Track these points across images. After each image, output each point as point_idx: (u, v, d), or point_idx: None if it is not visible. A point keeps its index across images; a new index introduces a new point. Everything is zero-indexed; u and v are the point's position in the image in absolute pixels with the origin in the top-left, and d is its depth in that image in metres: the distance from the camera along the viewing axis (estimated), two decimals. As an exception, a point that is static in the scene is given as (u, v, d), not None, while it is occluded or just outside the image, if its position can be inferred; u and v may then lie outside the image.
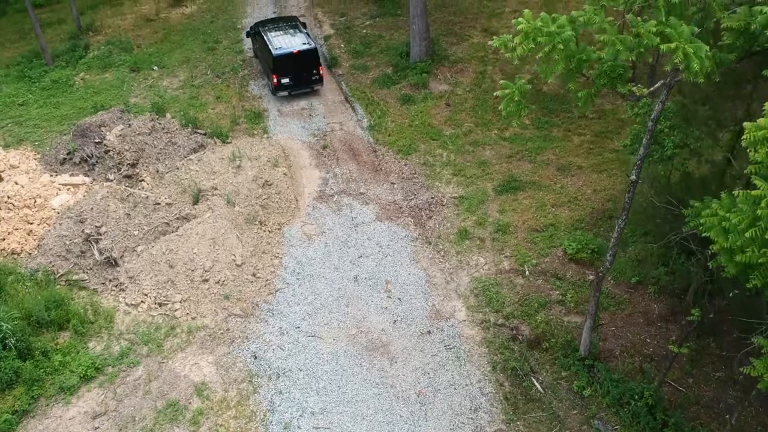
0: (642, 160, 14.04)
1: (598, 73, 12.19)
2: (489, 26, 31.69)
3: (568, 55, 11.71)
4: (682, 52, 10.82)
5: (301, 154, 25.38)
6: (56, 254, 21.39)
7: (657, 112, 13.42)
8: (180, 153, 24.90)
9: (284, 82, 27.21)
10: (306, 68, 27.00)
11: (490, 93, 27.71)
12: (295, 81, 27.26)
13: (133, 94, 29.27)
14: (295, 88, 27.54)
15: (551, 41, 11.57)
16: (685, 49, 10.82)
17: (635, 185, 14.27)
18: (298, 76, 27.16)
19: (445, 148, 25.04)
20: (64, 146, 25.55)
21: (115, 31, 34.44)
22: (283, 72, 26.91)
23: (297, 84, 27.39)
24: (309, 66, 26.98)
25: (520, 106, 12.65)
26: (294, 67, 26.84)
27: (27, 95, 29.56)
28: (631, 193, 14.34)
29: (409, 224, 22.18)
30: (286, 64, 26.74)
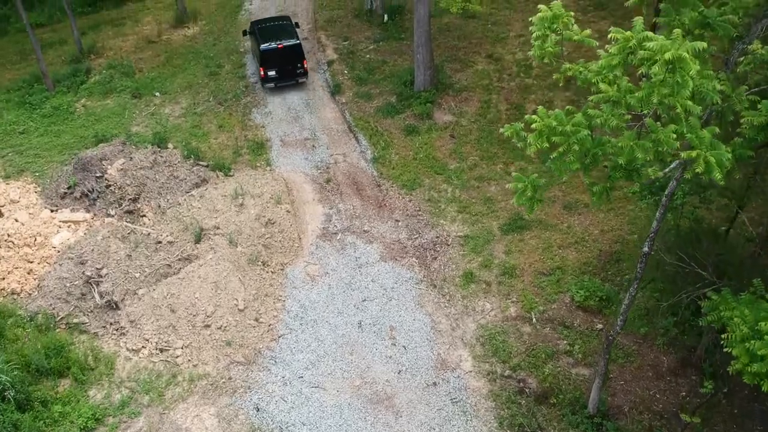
0: (656, 233, 13.60)
1: (614, 165, 11.71)
2: (493, 52, 31.21)
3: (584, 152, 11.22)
4: (703, 160, 10.38)
5: (304, 188, 24.95)
6: (56, 296, 21.02)
7: (671, 188, 12.98)
8: (182, 187, 24.49)
9: (270, 75, 28.69)
10: (291, 62, 28.54)
11: (495, 124, 27.26)
12: (280, 74, 28.74)
13: (134, 122, 28.84)
14: (280, 80, 28.95)
15: (566, 141, 11.08)
16: (707, 157, 10.38)
17: (647, 257, 13.84)
18: (283, 69, 28.65)
19: (449, 183, 24.61)
20: (65, 179, 25.16)
21: (116, 54, 33.99)
22: (269, 65, 28.42)
23: (282, 76, 28.86)
24: (293, 60, 28.55)
25: (533, 200, 12.15)
26: (279, 60, 28.40)
27: (28, 122, 29.13)
28: (642, 264, 13.91)
29: (413, 265, 21.76)
30: (272, 58, 28.29)
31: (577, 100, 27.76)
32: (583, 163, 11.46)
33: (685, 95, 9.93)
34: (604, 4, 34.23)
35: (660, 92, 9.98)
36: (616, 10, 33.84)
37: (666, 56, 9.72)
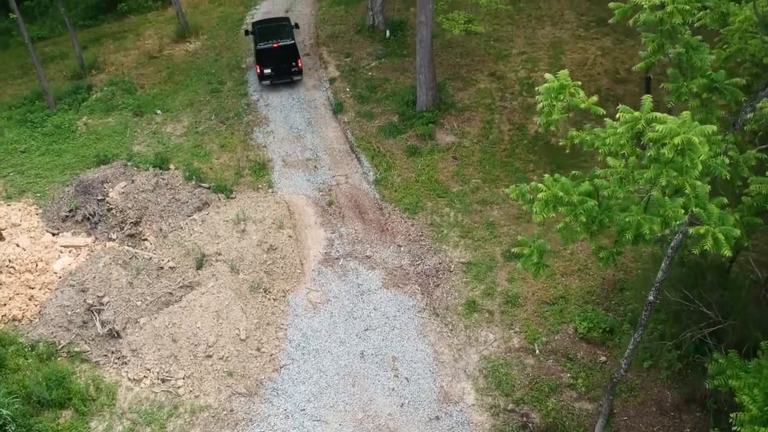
0: (661, 283, 13.43)
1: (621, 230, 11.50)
2: (496, 69, 31.02)
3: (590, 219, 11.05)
4: (712, 237, 10.21)
5: (306, 211, 24.79)
6: (58, 324, 20.89)
7: (677, 242, 12.81)
8: (184, 211, 24.34)
9: (266, 72, 29.92)
10: (285, 60, 29.76)
11: (497, 144, 27.13)
12: (276, 72, 29.97)
13: (136, 141, 28.67)
14: (276, 77, 30.23)
15: (573, 211, 10.90)
16: (715, 233, 10.21)
17: (652, 306, 13.67)
18: (278, 68, 29.87)
19: (452, 207, 24.44)
20: (67, 202, 25.03)
21: (118, 69, 33.82)
22: (265, 63, 29.65)
23: (278, 74, 30.10)
24: (288, 59, 29.74)
25: (539, 266, 11.97)
26: (275, 59, 29.62)
27: (29, 141, 28.97)
28: (648, 311, 13.74)
29: (416, 292, 21.61)
30: (268, 56, 29.58)
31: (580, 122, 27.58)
32: (589, 230, 11.26)
33: (693, 175, 9.79)
34: (607, 20, 33.94)
35: (668, 173, 9.84)
36: (618, 27, 33.54)
37: (675, 141, 9.57)
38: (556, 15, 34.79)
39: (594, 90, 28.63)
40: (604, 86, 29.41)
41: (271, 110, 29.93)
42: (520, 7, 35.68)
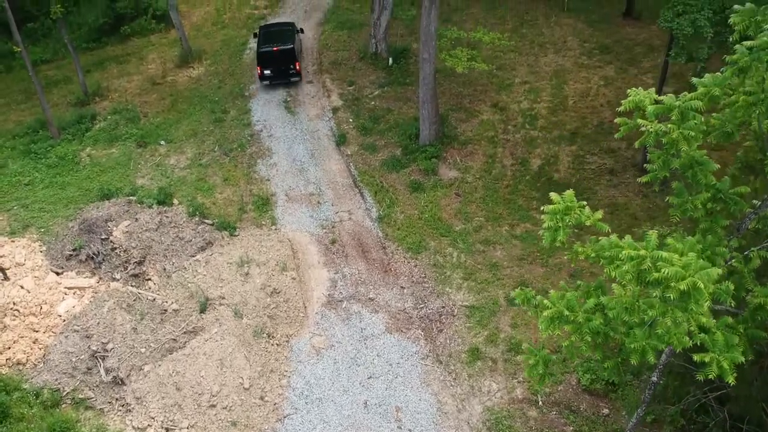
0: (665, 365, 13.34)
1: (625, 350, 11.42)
2: (498, 100, 30.90)
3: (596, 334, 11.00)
4: (716, 365, 10.12)
5: (310, 249, 24.71)
6: (62, 371, 20.83)
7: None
8: (187, 251, 24.27)
9: (266, 73, 31.78)
10: (284, 63, 31.50)
11: (500, 180, 27.03)
12: (275, 73, 31.79)
13: (139, 174, 28.59)
14: (275, 78, 32.06)
15: (578, 329, 10.83)
16: (719, 361, 10.12)
17: (655, 386, 13.59)
18: (277, 69, 31.66)
19: (455, 247, 24.34)
20: (71, 240, 24.95)
21: (121, 96, 33.72)
22: (265, 65, 31.43)
23: (277, 76, 31.91)
24: (286, 62, 31.46)
25: (544, 376, 11.89)
26: (274, 61, 31.39)
27: (33, 173, 28.89)
28: (650, 390, 13.66)
29: (419, 338, 21.53)
30: (268, 59, 31.34)
31: (582, 156, 27.59)
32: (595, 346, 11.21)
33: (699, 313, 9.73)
34: (610, 47, 33.90)
35: (674, 314, 9.78)
36: (621, 54, 33.60)
37: (681, 286, 9.49)
38: (558, 41, 34.64)
39: (596, 123, 28.65)
40: (606, 119, 29.29)
41: (275, 141, 29.84)
42: (522, 33, 35.59)
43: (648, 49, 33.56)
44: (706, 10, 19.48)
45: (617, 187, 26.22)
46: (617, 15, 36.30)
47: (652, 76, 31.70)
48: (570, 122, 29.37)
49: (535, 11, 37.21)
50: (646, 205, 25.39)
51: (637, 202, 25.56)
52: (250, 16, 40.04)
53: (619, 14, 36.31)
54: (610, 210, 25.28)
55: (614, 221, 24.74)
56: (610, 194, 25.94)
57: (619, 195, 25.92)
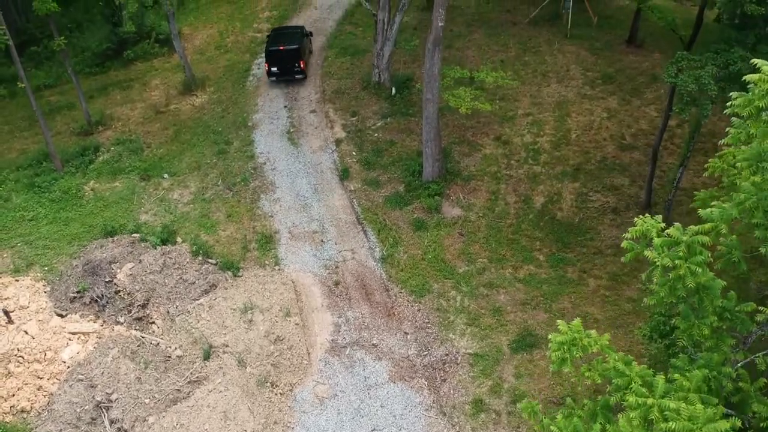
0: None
1: None
2: (501, 133, 30.69)
3: None
4: None
5: (313, 291, 24.55)
6: (66, 421, 20.72)
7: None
8: (191, 293, 24.13)
9: (273, 70, 34.21)
10: (289, 62, 33.92)
11: (503, 219, 26.86)
12: (281, 71, 34.24)
13: (143, 209, 28.43)
14: (281, 75, 34.45)
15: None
16: None
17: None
18: (283, 67, 34.10)
19: (458, 290, 24.18)
20: (74, 281, 24.82)
21: (125, 125, 33.54)
22: (272, 62, 33.93)
23: (282, 73, 34.36)
24: (291, 60, 33.88)
25: None
26: (280, 60, 33.84)
27: (37, 208, 28.73)
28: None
29: (423, 387, 21.40)
30: (275, 57, 33.85)
31: (585, 193, 27.37)
32: None
33: None
34: (613, 77, 33.67)
35: None
36: (624, 84, 33.38)
37: None
38: (561, 70, 34.40)
39: (600, 158, 28.44)
40: (609, 154, 29.10)
41: (278, 175, 29.66)
42: (525, 61, 35.34)
43: (651, 78, 33.32)
44: (709, 66, 19.26)
45: (620, 227, 26.00)
46: (620, 42, 36.04)
47: (655, 107, 31.52)
48: (573, 157, 29.16)
49: (538, 38, 36.96)
50: (650, 246, 25.15)
51: (641, 243, 25.31)
52: (252, 39, 39.80)
53: (622, 41, 36.05)
54: (614, 252, 25.11)
55: (617, 264, 24.62)
56: (613, 234, 25.75)
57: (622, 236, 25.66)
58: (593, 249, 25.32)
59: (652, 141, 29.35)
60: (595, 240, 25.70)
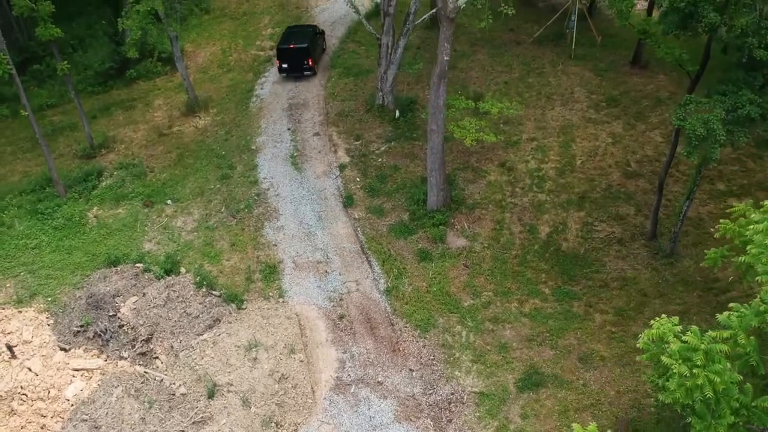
0: None
1: None
2: (506, 159, 30.41)
3: None
4: None
5: (318, 325, 24.30)
6: (70, 463, 20.47)
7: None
8: (195, 328, 23.90)
9: (284, 66, 36.02)
10: (299, 59, 35.70)
11: (508, 250, 26.58)
12: (291, 67, 36.03)
13: (146, 237, 28.17)
14: (291, 72, 36.19)
15: None
16: None
17: None
18: (293, 64, 35.86)
19: (464, 325, 23.94)
20: (78, 315, 24.60)
21: (128, 149, 33.25)
22: (282, 59, 35.82)
23: (292, 69, 36.11)
24: (301, 57, 35.62)
25: None
26: (290, 57, 35.64)
27: (40, 236, 28.47)
28: None
29: (428, 428, 21.17)
30: (285, 54, 35.68)
31: (591, 223, 27.12)
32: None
33: None
34: (617, 100, 33.37)
35: None
36: (629, 107, 33.11)
37: None
38: (566, 93, 34.10)
39: (605, 186, 28.15)
40: (615, 182, 28.81)
41: (282, 201, 29.38)
42: (529, 83, 35.04)
43: (655, 101, 33.03)
44: (718, 109, 18.97)
45: (626, 259, 25.76)
46: (624, 63, 35.71)
47: (660, 132, 31.25)
48: (578, 185, 28.88)
49: (542, 58, 36.63)
50: (656, 279, 24.94)
51: (646, 275, 25.11)
52: (255, 58, 39.47)
53: (626, 62, 35.72)
54: (620, 285, 24.87)
55: (623, 298, 24.37)
56: (619, 266, 25.48)
57: (628, 267, 25.46)
58: (599, 282, 25.05)
59: (657, 168, 29.10)
60: (600, 272, 25.43)
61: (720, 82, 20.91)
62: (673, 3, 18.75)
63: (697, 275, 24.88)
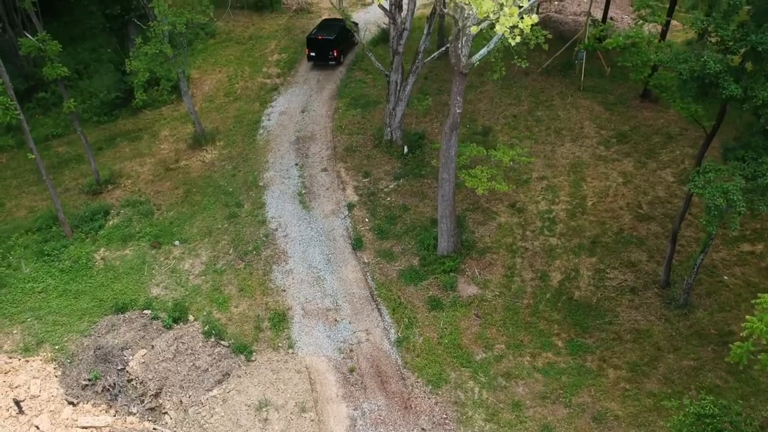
0: None
1: None
2: (516, 200, 29.84)
3: None
4: None
5: (328, 379, 23.79)
6: None
7: None
8: (204, 383, 23.40)
9: (312, 55, 39.27)
10: (325, 49, 38.67)
11: (520, 298, 26.06)
12: (318, 56, 39.13)
13: (154, 281, 27.64)
14: (317, 60, 39.36)
15: None
16: None
17: None
18: (319, 53, 38.91)
19: (476, 381, 23.43)
20: (86, 367, 24.14)
21: (134, 184, 32.69)
22: (311, 48, 39.05)
23: (319, 58, 39.19)
24: (327, 48, 38.59)
25: None
26: (317, 47, 38.71)
27: (46, 279, 27.94)
28: None
29: (442, 492, 20.68)
30: (313, 44, 38.88)
31: (603, 270, 26.61)
32: None
33: None
34: (627, 135, 32.80)
35: None
36: (639, 143, 32.54)
37: None
38: (575, 127, 33.51)
39: (616, 230, 27.60)
40: (626, 225, 28.27)
41: (290, 243, 28.84)
42: (538, 117, 34.46)
43: (666, 138, 32.45)
44: (738, 178, 18.39)
45: (639, 309, 25.24)
46: (634, 96, 35.09)
47: (671, 171, 30.69)
48: (589, 228, 28.33)
49: (551, 90, 36.02)
50: (669, 332, 24.43)
51: (660, 327, 24.60)
52: (262, 86, 38.87)
53: (636, 95, 35.10)
54: (633, 337, 24.37)
55: (637, 352, 23.87)
56: (632, 317, 24.97)
57: (641, 318, 24.94)
58: (612, 334, 24.54)
59: (669, 210, 28.57)
60: (613, 324, 24.91)
61: (738, 145, 20.33)
62: (693, 73, 18.16)
63: (711, 328, 24.37)
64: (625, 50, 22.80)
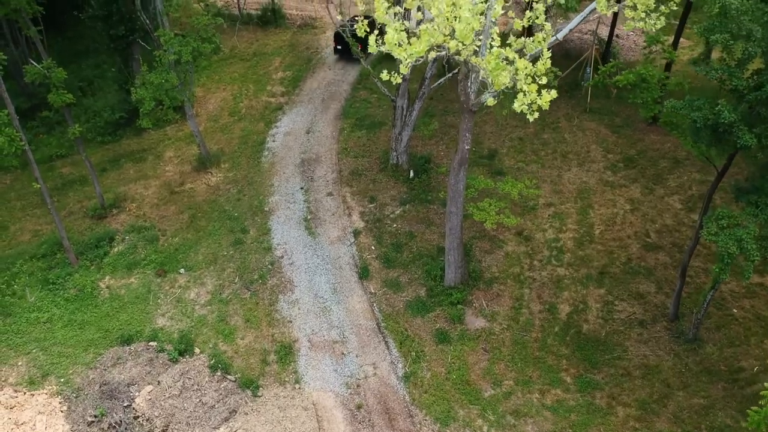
0: None
1: None
2: (523, 227, 29.47)
3: None
4: None
5: (335, 416, 23.46)
6: None
7: None
8: (211, 420, 23.09)
9: (338, 48, 41.35)
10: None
11: (528, 332, 25.73)
12: (344, 49, 40.75)
13: (159, 311, 27.30)
14: (343, 53, 41.30)
15: None
16: None
17: None
18: (345, 47, 39.80)
19: (485, 419, 23.10)
20: (92, 403, 23.81)
21: (139, 207, 32.32)
22: (338, 42, 40.93)
23: (344, 52, 40.77)
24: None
25: None
26: (344, 41, 37.17)
27: (51, 308, 27.61)
28: None
29: None
30: (340, 38, 39.82)
31: (611, 302, 26.26)
32: None
33: None
34: (634, 160, 32.40)
35: None
36: (646, 168, 32.15)
37: None
38: (582, 151, 33.13)
39: (624, 259, 27.24)
40: (634, 255, 27.91)
41: (296, 271, 28.48)
42: (544, 140, 34.07)
43: (673, 162, 32.07)
44: (751, 225, 18.02)
45: (647, 343, 24.90)
46: (640, 119, 34.63)
47: (678, 198, 30.31)
48: (597, 257, 27.97)
49: (557, 111, 35.59)
50: (679, 368, 24.10)
51: (669, 363, 24.27)
52: (267, 105, 38.46)
53: (643, 119, 34.62)
54: (642, 374, 24.03)
55: (646, 389, 23.53)
56: (641, 352, 24.63)
57: (650, 353, 24.60)
58: (621, 370, 24.20)
59: (677, 239, 28.22)
60: (622, 359, 24.58)
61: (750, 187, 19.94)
62: (707, 121, 17.78)
63: (721, 364, 24.03)
64: (635, 87, 22.37)
